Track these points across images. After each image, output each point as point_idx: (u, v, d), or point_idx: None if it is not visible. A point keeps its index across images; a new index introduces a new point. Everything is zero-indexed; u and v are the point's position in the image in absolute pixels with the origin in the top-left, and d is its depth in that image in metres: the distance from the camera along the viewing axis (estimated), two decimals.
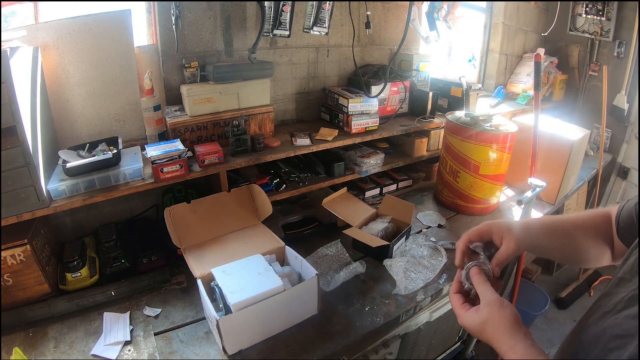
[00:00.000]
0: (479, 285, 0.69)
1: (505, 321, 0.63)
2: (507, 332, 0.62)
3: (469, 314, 0.68)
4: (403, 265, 1.39)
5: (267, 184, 1.63)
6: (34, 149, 1.11)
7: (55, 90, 1.38)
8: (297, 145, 1.65)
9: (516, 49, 2.81)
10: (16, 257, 1.13)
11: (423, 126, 1.98)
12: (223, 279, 1.10)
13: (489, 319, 0.64)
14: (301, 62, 1.91)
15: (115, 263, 1.31)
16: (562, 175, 1.87)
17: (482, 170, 1.70)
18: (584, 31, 2.63)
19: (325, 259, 1.43)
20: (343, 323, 1.18)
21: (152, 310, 1.21)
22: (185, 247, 1.31)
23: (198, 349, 1.09)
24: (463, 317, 0.69)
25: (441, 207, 1.88)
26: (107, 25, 1.39)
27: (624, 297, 0.59)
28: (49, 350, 1.06)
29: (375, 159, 1.84)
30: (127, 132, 1.57)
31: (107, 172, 1.27)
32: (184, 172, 1.35)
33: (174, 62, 1.57)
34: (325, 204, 1.56)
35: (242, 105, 1.60)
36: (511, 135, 1.68)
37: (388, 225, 1.53)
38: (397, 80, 1.99)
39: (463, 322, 0.69)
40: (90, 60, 1.41)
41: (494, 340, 0.63)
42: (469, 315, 0.68)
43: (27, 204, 1.12)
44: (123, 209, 1.58)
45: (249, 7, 1.66)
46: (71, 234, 1.49)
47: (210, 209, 1.41)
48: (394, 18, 2.12)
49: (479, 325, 0.65)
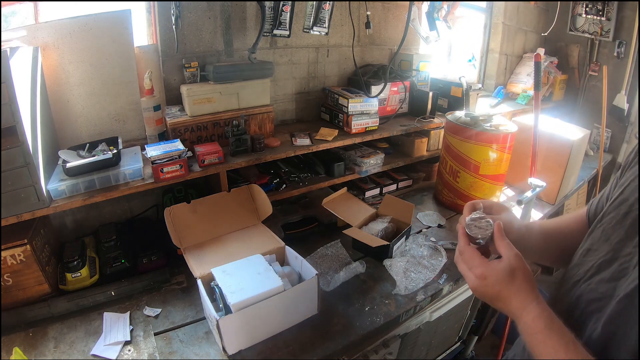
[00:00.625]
0: (502, 240, 0.67)
1: (531, 275, 0.63)
2: (534, 283, 0.62)
3: (493, 264, 0.65)
4: (403, 265, 1.40)
5: (267, 184, 1.63)
6: (34, 149, 1.11)
7: (55, 90, 1.38)
8: (297, 145, 1.65)
9: (516, 49, 2.81)
10: (16, 257, 1.13)
11: (423, 126, 1.98)
12: (223, 279, 1.10)
13: (519, 268, 0.63)
14: (301, 62, 1.91)
15: (115, 263, 1.31)
16: (562, 175, 1.87)
17: (482, 170, 1.70)
18: (584, 31, 2.63)
19: (325, 259, 1.43)
20: (343, 323, 1.18)
21: (152, 310, 1.21)
22: (185, 247, 1.31)
23: (198, 349, 1.09)
24: (486, 268, 0.65)
25: (441, 207, 1.88)
26: (107, 25, 1.39)
27: (594, 264, 0.62)
28: (49, 350, 1.06)
29: (375, 159, 1.85)
30: (127, 132, 1.57)
31: (107, 172, 1.27)
32: (184, 172, 1.35)
33: (174, 62, 1.57)
34: (325, 204, 1.56)
35: (242, 105, 1.60)
36: (511, 135, 1.68)
37: (388, 225, 1.53)
38: (397, 80, 1.99)
39: (487, 272, 0.64)
40: (90, 60, 1.40)
41: (518, 290, 0.62)
42: (494, 265, 0.64)
43: (27, 204, 1.12)
44: (123, 209, 1.58)
45: (249, 7, 1.66)
46: (71, 234, 1.49)
47: (210, 209, 1.41)
48: (394, 18, 2.12)
49: (508, 274, 0.62)
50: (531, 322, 0.59)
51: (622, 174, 0.71)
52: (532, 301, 0.61)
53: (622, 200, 0.64)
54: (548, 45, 2.85)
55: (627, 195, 0.64)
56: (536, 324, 0.58)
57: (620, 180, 0.70)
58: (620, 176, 0.72)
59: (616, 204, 0.65)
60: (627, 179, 0.67)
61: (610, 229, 0.63)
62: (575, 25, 2.68)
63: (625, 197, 0.64)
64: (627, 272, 0.57)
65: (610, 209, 0.66)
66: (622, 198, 0.64)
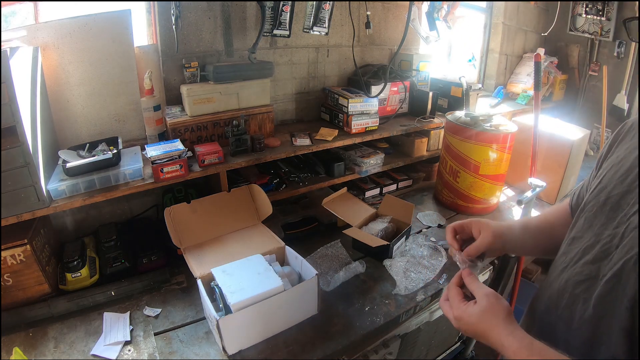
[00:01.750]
0: (472, 284, 0.74)
1: (504, 310, 0.67)
2: (506, 319, 0.65)
3: (468, 306, 0.70)
4: (403, 265, 1.39)
5: (267, 184, 1.63)
6: (34, 149, 1.11)
7: (55, 90, 1.38)
8: (297, 145, 1.65)
9: (516, 49, 2.81)
10: (16, 257, 1.13)
11: (423, 126, 1.98)
12: (223, 279, 1.10)
13: (487, 308, 0.68)
14: (301, 62, 1.91)
15: (115, 263, 1.31)
16: (562, 175, 1.87)
17: (482, 170, 1.70)
18: (584, 31, 2.63)
19: (325, 259, 1.43)
20: (343, 323, 1.18)
21: (152, 310, 1.21)
22: (185, 247, 1.31)
23: (198, 349, 1.09)
24: (460, 310, 0.71)
25: (441, 207, 1.88)
26: (107, 25, 1.39)
27: (579, 250, 0.67)
28: (49, 350, 1.06)
29: (375, 159, 1.84)
30: (127, 132, 1.57)
31: (107, 172, 1.27)
32: (184, 172, 1.35)
33: (174, 62, 1.57)
34: (325, 204, 1.56)
35: (242, 105, 1.60)
36: (511, 135, 1.68)
37: (388, 225, 1.53)
38: (397, 80, 1.99)
39: (461, 314, 0.70)
40: (90, 60, 1.40)
41: (491, 328, 0.66)
42: (467, 307, 0.70)
43: (27, 204, 1.12)
44: (123, 209, 1.58)
45: (249, 7, 1.66)
46: (71, 234, 1.49)
47: (210, 209, 1.41)
48: (394, 18, 2.12)
49: (478, 315, 0.68)
50: (513, 355, 0.61)
51: (599, 166, 0.76)
52: (508, 335, 0.63)
53: (600, 188, 0.68)
54: (548, 45, 2.85)
55: (605, 183, 0.68)
56: (518, 356, 0.61)
57: (598, 172, 0.75)
58: (597, 168, 0.76)
59: (595, 192, 0.69)
60: (604, 169, 0.71)
61: (592, 216, 0.67)
62: (575, 25, 2.68)
63: (603, 186, 0.68)
64: (609, 253, 0.60)
65: (590, 198, 0.70)
66: (601, 187, 0.68)
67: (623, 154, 0.69)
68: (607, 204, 0.65)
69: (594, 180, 0.73)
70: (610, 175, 0.68)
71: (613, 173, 0.68)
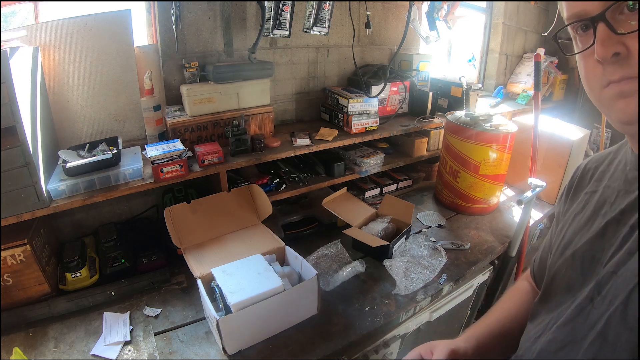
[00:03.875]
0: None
1: None
2: None
3: None
4: (403, 265, 1.39)
5: (267, 184, 1.63)
6: (34, 149, 1.11)
7: (55, 90, 1.38)
8: (297, 145, 1.65)
9: (516, 49, 2.81)
10: (16, 257, 1.13)
11: (423, 126, 1.98)
12: (223, 279, 1.10)
13: None
14: (301, 62, 1.91)
15: (115, 263, 1.31)
16: (562, 175, 1.87)
17: (482, 170, 1.70)
18: None
19: (325, 259, 1.43)
20: (343, 323, 1.18)
21: (152, 310, 1.21)
22: (185, 247, 1.31)
23: (198, 349, 1.09)
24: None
25: (441, 207, 1.88)
26: (107, 25, 1.39)
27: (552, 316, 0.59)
28: (49, 350, 1.06)
29: (375, 159, 1.84)
30: (127, 132, 1.57)
31: (107, 172, 1.27)
32: (184, 172, 1.35)
33: (174, 62, 1.57)
34: (325, 204, 1.56)
35: (242, 105, 1.60)
36: (511, 135, 1.68)
37: (388, 225, 1.53)
38: (397, 80, 1.99)
39: None
40: (90, 60, 1.40)
41: None
42: None
43: (27, 204, 1.12)
44: (123, 209, 1.58)
45: (249, 7, 1.66)
46: (71, 234, 1.49)
47: (210, 209, 1.41)
48: (394, 18, 2.12)
49: None
50: None
51: (559, 222, 0.69)
52: None
53: (565, 244, 0.62)
54: (548, 45, 2.84)
55: (569, 237, 0.62)
56: None
57: (558, 227, 0.69)
58: (557, 224, 0.70)
59: (560, 250, 0.63)
60: (566, 222, 0.66)
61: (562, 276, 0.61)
62: None
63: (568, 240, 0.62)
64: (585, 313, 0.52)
65: (555, 259, 0.64)
66: (565, 242, 0.63)
67: (583, 199, 0.64)
68: (576, 258, 0.59)
69: (557, 238, 0.67)
70: (574, 227, 0.62)
71: (576, 223, 0.62)
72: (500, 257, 1.65)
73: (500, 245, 1.59)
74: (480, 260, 1.49)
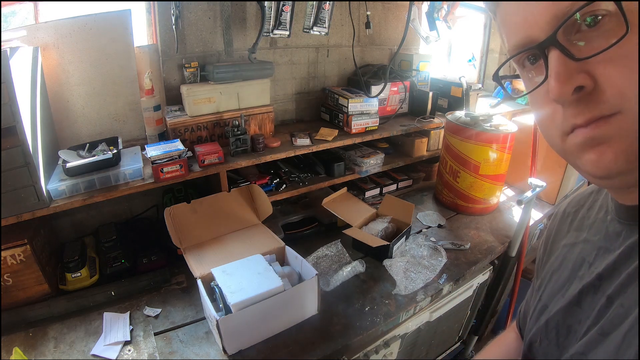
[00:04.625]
0: None
1: None
2: None
3: None
4: (403, 265, 1.40)
5: (267, 184, 1.63)
6: (34, 149, 1.11)
7: (55, 90, 1.38)
8: (297, 145, 1.65)
9: None
10: (16, 257, 1.13)
11: (423, 126, 1.98)
12: (223, 279, 1.10)
13: None
14: (301, 62, 1.91)
15: (115, 263, 1.31)
16: (562, 175, 1.87)
17: (482, 170, 1.70)
18: None
19: (325, 259, 1.43)
20: (343, 323, 1.18)
21: (152, 310, 1.21)
22: (185, 247, 1.31)
23: (198, 349, 1.09)
24: None
25: (441, 207, 1.88)
26: (107, 25, 1.39)
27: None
28: (49, 350, 1.06)
29: (375, 159, 1.84)
30: (127, 132, 1.57)
31: (107, 172, 1.27)
32: (184, 172, 1.35)
33: (174, 62, 1.57)
34: (325, 204, 1.56)
35: (242, 105, 1.60)
36: (511, 135, 1.68)
37: (388, 225, 1.53)
38: (397, 80, 1.99)
39: None
40: (90, 60, 1.40)
41: None
42: None
43: (27, 204, 1.12)
44: (123, 209, 1.58)
45: (249, 7, 1.66)
46: (71, 234, 1.49)
47: (210, 209, 1.41)
48: (394, 18, 2.12)
49: None
50: None
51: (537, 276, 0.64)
52: None
53: (541, 309, 0.58)
54: None
55: (545, 301, 0.57)
56: None
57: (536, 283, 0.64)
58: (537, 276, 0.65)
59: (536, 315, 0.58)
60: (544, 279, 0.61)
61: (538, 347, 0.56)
62: None
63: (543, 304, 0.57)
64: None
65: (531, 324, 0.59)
66: (541, 306, 0.58)
67: (562, 252, 0.58)
68: (550, 329, 0.53)
69: (534, 298, 0.62)
70: (551, 288, 0.57)
71: (553, 283, 0.56)
72: (500, 257, 1.65)
73: (500, 245, 1.59)
74: (480, 260, 1.49)
